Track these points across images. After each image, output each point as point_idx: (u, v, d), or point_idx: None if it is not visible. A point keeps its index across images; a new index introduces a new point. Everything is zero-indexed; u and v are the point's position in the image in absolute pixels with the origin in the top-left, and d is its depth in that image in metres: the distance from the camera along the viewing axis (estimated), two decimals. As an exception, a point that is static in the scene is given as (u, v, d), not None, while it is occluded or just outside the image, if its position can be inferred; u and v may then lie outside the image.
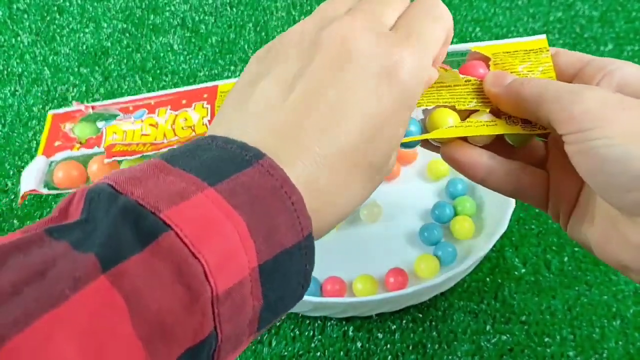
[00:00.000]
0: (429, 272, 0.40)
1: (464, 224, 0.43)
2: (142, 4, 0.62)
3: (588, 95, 0.24)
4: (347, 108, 0.22)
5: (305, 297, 0.37)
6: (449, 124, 0.28)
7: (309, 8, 0.62)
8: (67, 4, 0.62)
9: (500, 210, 0.41)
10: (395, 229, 0.44)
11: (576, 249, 0.43)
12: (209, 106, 0.32)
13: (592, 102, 0.23)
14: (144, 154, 0.30)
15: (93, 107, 0.33)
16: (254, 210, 0.19)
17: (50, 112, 0.34)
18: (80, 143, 0.32)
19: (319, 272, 0.41)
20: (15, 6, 0.62)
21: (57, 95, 0.55)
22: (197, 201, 0.19)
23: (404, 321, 0.40)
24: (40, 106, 0.54)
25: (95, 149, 0.32)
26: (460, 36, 0.58)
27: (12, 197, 0.47)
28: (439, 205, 0.44)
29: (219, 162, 0.20)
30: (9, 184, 0.48)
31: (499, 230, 0.39)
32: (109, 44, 0.59)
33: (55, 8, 0.62)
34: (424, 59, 0.24)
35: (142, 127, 0.32)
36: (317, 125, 0.22)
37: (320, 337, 0.39)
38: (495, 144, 0.29)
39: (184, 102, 0.32)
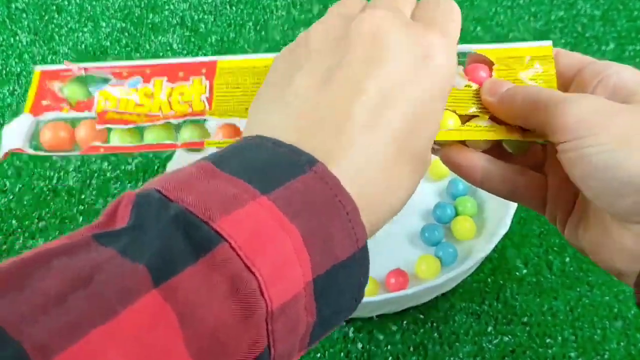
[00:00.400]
0: (430, 273, 0.40)
1: (465, 224, 0.42)
2: (141, 3, 0.62)
3: (578, 104, 0.24)
4: (389, 97, 0.22)
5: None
6: (449, 126, 0.28)
7: (309, 7, 0.62)
8: (66, 3, 0.62)
9: (501, 211, 0.41)
10: (396, 229, 0.44)
11: (578, 249, 0.43)
12: (207, 82, 0.31)
13: (583, 111, 0.24)
14: (138, 124, 0.29)
15: (85, 69, 0.32)
16: (309, 221, 0.19)
17: (38, 68, 0.32)
18: (70, 105, 0.31)
19: (320, 272, 0.40)
20: (13, 5, 0.62)
21: (55, 94, 0.54)
22: (251, 210, 0.18)
23: (405, 322, 0.40)
24: (39, 106, 0.54)
25: (86, 113, 0.30)
26: (461, 35, 0.58)
27: (11, 197, 0.47)
28: (440, 205, 0.44)
29: (270, 166, 0.19)
30: (7, 183, 0.48)
31: (501, 230, 0.39)
32: (108, 44, 0.58)
33: (54, 7, 0.62)
34: (452, 44, 0.25)
35: (136, 97, 0.30)
36: (360, 117, 0.21)
37: (320, 338, 0.39)
38: (494, 149, 0.29)
39: (181, 74, 0.31)
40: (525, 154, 0.29)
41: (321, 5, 0.62)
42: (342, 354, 0.38)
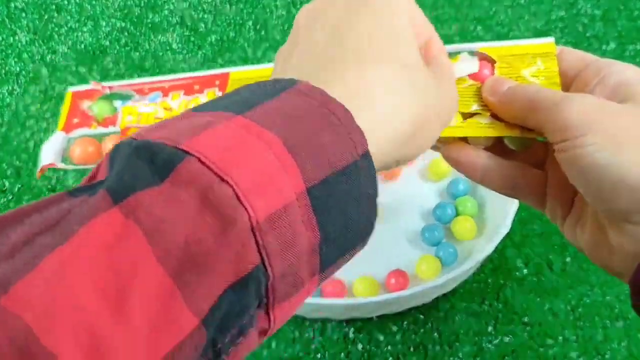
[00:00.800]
0: (430, 273, 0.40)
1: (466, 224, 0.42)
2: (141, 2, 0.62)
3: (574, 104, 0.24)
4: (391, 37, 0.22)
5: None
6: (450, 123, 0.28)
7: (308, 6, 0.62)
8: (65, 2, 0.62)
9: (502, 211, 0.40)
10: (397, 229, 0.44)
11: (579, 249, 0.43)
12: (220, 93, 0.32)
13: (579, 110, 0.24)
14: None
15: (110, 88, 0.34)
16: (291, 129, 0.17)
17: (70, 89, 0.35)
18: (97, 122, 0.33)
19: (320, 273, 0.40)
20: (13, 4, 0.62)
21: (55, 94, 0.54)
22: (222, 128, 0.17)
23: (405, 322, 0.40)
24: (38, 105, 0.53)
25: (111, 128, 0.33)
26: (461, 35, 0.57)
27: (10, 197, 0.47)
28: (441, 205, 0.44)
29: (251, 95, 0.18)
30: (7, 183, 0.47)
31: (501, 230, 0.39)
32: (108, 43, 0.58)
33: (53, 6, 0.62)
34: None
35: (155, 110, 0.32)
36: (371, 52, 0.21)
37: (320, 338, 0.39)
38: (496, 146, 0.29)
39: (196, 87, 0.33)
40: (526, 150, 0.29)
41: (321, 5, 0.62)
42: (342, 354, 0.38)
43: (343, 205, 0.18)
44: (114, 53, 0.58)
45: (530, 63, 0.29)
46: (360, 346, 0.39)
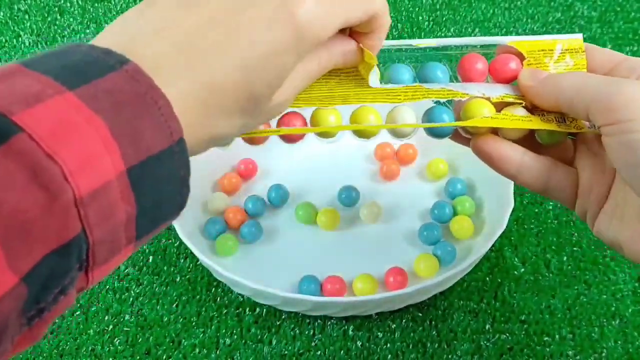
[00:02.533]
0: (428, 272, 0.41)
1: (463, 223, 0.43)
2: (143, 4, 0.63)
3: (628, 87, 0.24)
4: (238, 34, 0.22)
5: (306, 297, 0.37)
6: (484, 115, 0.28)
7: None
8: (68, 4, 0.62)
9: (499, 210, 0.41)
10: (395, 228, 0.44)
11: (575, 248, 0.43)
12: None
13: (632, 94, 0.24)
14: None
15: None
16: (117, 115, 0.19)
17: None
18: None
19: (319, 271, 0.41)
20: (16, 7, 0.63)
21: (58, 95, 0.55)
22: (54, 104, 0.18)
23: (404, 320, 0.40)
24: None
25: None
26: (459, 37, 0.58)
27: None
28: (439, 205, 0.44)
29: (80, 66, 0.20)
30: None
31: (498, 229, 0.39)
32: (110, 45, 0.59)
33: (56, 9, 0.62)
34: (329, 12, 0.24)
35: None
36: (207, 48, 0.22)
37: (320, 336, 0.40)
38: (526, 140, 0.29)
39: None
40: (556, 146, 0.29)
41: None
42: (341, 351, 0.39)
43: (158, 184, 0.20)
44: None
45: (558, 59, 0.29)
46: (359, 343, 0.39)
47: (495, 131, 0.29)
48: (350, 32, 0.27)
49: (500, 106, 0.29)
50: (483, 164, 0.44)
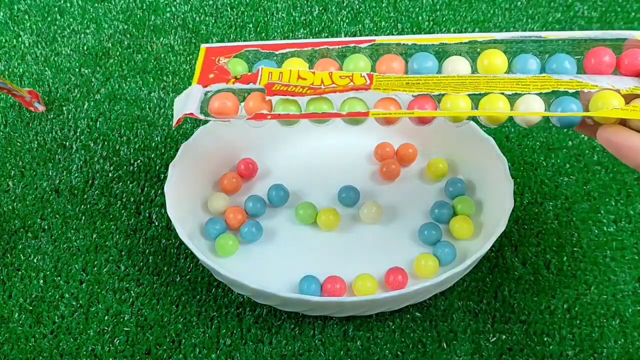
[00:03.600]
0: (428, 272, 0.41)
1: (463, 223, 0.43)
2: (143, 4, 0.63)
3: None
4: None
5: (306, 297, 0.37)
6: (613, 106, 0.29)
7: (309, 9, 0.62)
8: (68, 5, 0.62)
9: (499, 210, 0.41)
10: (396, 228, 0.44)
11: (575, 248, 0.43)
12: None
13: None
14: (304, 96, 0.33)
15: (247, 47, 0.36)
16: None
17: (203, 46, 0.36)
18: (236, 78, 0.35)
19: (319, 271, 0.41)
20: (16, 7, 0.63)
21: (58, 95, 0.55)
22: None
23: (404, 320, 0.40)
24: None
25: (251, 85, 0.34)
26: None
27: (14, 197, 0.47)
28: (439, 205, 0.44)
29: None
30: (10, 184, 0.48)
31: (498, 230, 0.39)
32: (110, 45, 0.59)
33: (56, 9, 0.62)
34: None
35: (298, 71, 0.34)
36: None
37: (320, 336, 0.40)
38: None
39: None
40: None
41: (321, 7, 0.62)
42: (341, 352, 0.39)
43: None
44: (117, 55, 0.58)
45: None
46: (359, 343, 0.39)
47: (622, 122, 0.30)
48: None
49: (629, 98, 0.30)
50: (483, 164, 0.45)
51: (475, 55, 0.33)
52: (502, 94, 0.31)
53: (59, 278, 0.42)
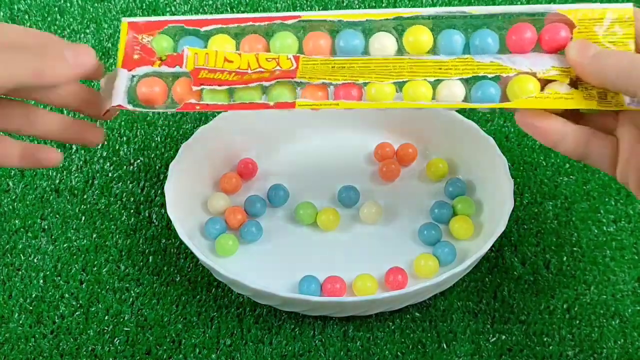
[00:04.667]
0: (428, 272, 0.41)
1: (463, 223, 0.43)
2: (143, 4, 0.63)
3: None
4: None
5: (306, 297, 0.37)
6: (529, 90, 0.30)
7: (309, 9, 0.62)
8: (68, 4, 0.62)
9: (499, 210, 0.41)
10: (395, 228, 0.44)
11: (575, 248, 0.43)
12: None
13: None
14: (231, 86, 0.32)
15: (171, 22, 0.34)
16: None
17: (124, 20, 0.34)
18: (161, 59, 0.33)
19: (319, 271, 0.41)
20: (16, 7, 0.63)
21: (58, 95, 0.55)
22: None
23: (404, 321, 0.40)
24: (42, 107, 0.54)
25: (177, 69, 0.32)
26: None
27: (14, 196, 0.47)
28: (438, 205, 0.44)
29: None
30: (10, 184, 0.48)
31: (498, 230, 0.39)
32: (110, 45, 0.59)
33: (56, 9, 0.62)
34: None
35: (225, 53, 0.32)
36: None
37: (320, 336, 0.40)
38: (567, 110, 0.31)
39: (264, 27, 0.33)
40: (597, 114, 0.31)
41: (320, 7, 0.62)
42: (341, 352, 0.39)
43: None
44: (117, 55, 0.58)
45: (608, 28, 0.30)
46: (359, 343, 0.39)
47: None
48: None
49: (545, 82, 0.31)
50: (483, 164, 0.45)
51: (401, 31, 0.33)
52: (425, 79, 0.32)
53: (59, 278, 0.42)
